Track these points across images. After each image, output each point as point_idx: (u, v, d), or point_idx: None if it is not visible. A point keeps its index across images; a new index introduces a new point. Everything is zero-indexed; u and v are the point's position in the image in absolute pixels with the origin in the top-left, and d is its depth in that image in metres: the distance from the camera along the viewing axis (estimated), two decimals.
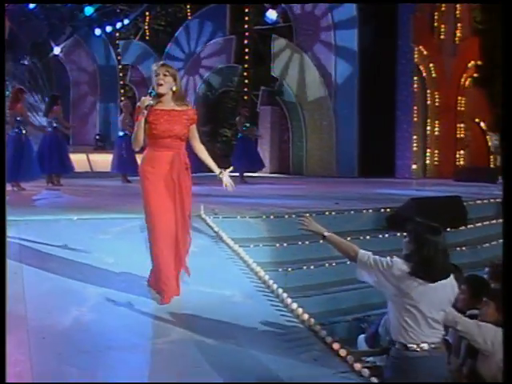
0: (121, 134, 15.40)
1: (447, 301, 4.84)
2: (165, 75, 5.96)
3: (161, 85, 5.96)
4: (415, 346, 4.71)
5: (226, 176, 6.19)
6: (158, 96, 6.00)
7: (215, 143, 21.31)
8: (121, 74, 24.34)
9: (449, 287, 4.84)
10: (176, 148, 6.02)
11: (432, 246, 4.70)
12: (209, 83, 22.30)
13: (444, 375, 4.88)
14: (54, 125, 14.04)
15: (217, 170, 6.22)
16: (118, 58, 24.22)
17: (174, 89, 6.03)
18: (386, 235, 9.57)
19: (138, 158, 16.54)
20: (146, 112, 5.93)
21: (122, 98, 23.39)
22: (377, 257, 4.86)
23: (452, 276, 4.89)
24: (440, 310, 4.78)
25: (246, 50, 21.82)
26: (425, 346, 4.71)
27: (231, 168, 6.41)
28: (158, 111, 5.98)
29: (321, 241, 5.22)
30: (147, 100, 5.94)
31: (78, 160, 17.86)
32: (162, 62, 6.24)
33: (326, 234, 5.11)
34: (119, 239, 7.80)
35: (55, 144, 13.97)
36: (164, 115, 5.97)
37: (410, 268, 4.70)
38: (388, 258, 4.82)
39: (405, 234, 5.02)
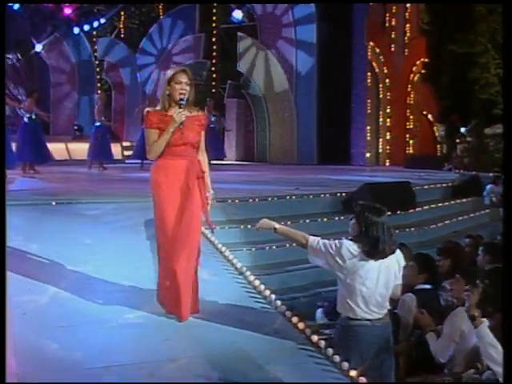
0: (97, 124, 15.23)
1: (393, 277, 4.79)
2: (187, 84, 5.17)
3: (183, 94, 5.15)
4: (360, 318, 4.70)
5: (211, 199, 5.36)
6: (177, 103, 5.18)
7: None
8: (97, 69, 24.14)
9: (394, 264, 4.80)
10: (189, 156, 5.20)
11: (377, 226, 4.65)
12: None
13: (387, 343, 4.85)
14: (29, 115, 13.63)
15: (209, 187, 5.37)
16: (95, 54, 24.04)
17: (191, 97, 5.27)
18: (342, 217, 9.55)
19: (113, 147, 16.47)
20: (181, 127, 5.10)
21: (99, 91, 23.25)
22: (326, 241, 4.82)
23: (397, 253, 4.85)
24: (386, 286, 4.74)
25: (214, 47, 21.82)
26: (369, 318, 4.69)
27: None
28: (166, 118, 5.14)
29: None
30: (182, 115, 5.10)
31: (58, 149, 17.67)
32: (182, 68, 5.28)
33: (276, 226, 5.06)
34: (96, 222, 7.71)
35: (32, 134, 13.58)
36: (170, 121, 5.14)
37: (357, 248, 4.66)
38: (336, 240, 4.77)
39: (351, 216, 4.97)
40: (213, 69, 21.70)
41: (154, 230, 5.29)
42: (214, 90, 21.66)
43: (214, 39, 21.81)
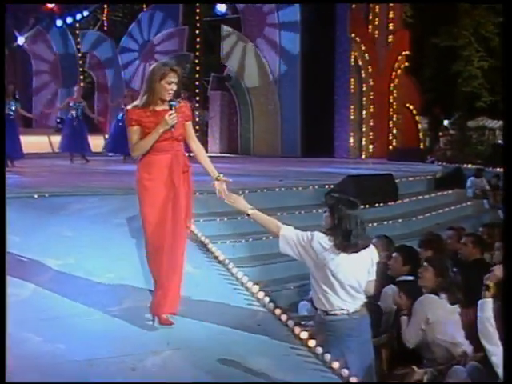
0: (69, 116, 15.12)
1: (365, 270, 4.71)
2: (175, 83, 5.01)
3: (171, 94, 5.00)
4: (334, 311, 4.64)
5: (221, 183, 5.14)
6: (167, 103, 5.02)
7: None
8: (80, 62, 24.01)
9: (367, 259, 4.72)
10: (174, 150, 5.05)
11: (350, 220, 4.58)
12: None
13: (365, 335, 4.80)
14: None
15: (215, 174, 5.20)
16: (78, 46, 23.90)
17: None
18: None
19: (97, 139, 16.29)
20: (173, 130, 4.97)
21: (82, 84, 23.13)
22: (298, 231, 4.76)
23: (371, 249, 4.80)
24: (359, 279, 4.66)
25: (198, 40, 21.67)
26: (344, 311, 4.64)
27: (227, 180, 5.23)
28: (148, 113, 5.02)
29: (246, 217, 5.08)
30: (174, 117, 4.94)
31: (41, 142, 17.58)
32: (174, 67, 5.04)
33: (249, 211, 4.94)
34: (77, 215, 7.66)
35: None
36: (158, 116, 4.98)
37: (329, 241, 4.60)
38: (308, 232, 4.71)
39: (324, 208, 4.89)
40: (196, 61, 21.59)
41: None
42: (197, 83, 21.58)
43: (197, 31, 21.68)
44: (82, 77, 24.27)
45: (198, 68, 21.60)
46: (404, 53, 20.34)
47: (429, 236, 7.62)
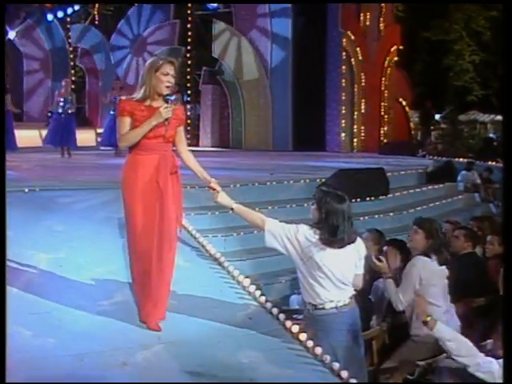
0: (59, 110, 15.06)
1: (352, 265, 4.68)
2: (173, 76, 4.79)
3: (169, 87, 4.79)
4: (323, 305, 4.62)
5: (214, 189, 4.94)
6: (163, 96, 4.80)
7: None
8: (71, 56, 23.93)
9: (353, 253, 4.68)
10: (162, 150, 4.80)
11: (338, 214, 4.54)
12: None
13: (354, 328, 4.77)
14: None
15: (207, 180, 4.99)
16: (69, 40, 23.81)
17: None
18: None
19: (87, 133, 16.22)
20: (166, 124, 4.75)
21: (73, 78, 23.06)
22: (284, 224, 4.72)
23: (358, 242, 4.75)
24: (345, 273, 4.63)
25: (189, 33, 21.65)
26: (332, 304, 4.61)
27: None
28: (142, 107, 4.79)
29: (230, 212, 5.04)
30: (169, 111, 4.73)
31: (31, 136, 17.50)
32: (170, 59, 4.86)
33: (233, 206, 4.90)
34: (68, 209, 7.63)
35: None
36: (151, 113, 4.75)
37: (314, 234, 4.56)
38: (294, 225, 4.67)
39: (312, 202, 4.83)
40: (188, 55, 21.56)
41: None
42: (188, 77, 21.55)
43: (188, 25, 21.65)
44: (73, 71, 24.19)
45: (189, 62, 21.58)
46: (395, 47, 20.41)
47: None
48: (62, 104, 14.80)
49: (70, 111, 14.89)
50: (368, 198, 10.03)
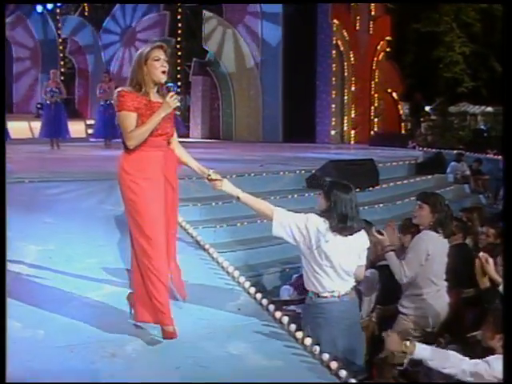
0: (48, 101, 15.01)
1: (356, 255, 4.77)
2: (165, 60, 4.51)
3: (165, 72, 4.51)
4: (326, 294, 4.68)
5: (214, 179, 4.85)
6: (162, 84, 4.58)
7: None
8: (61, 47, 23.82)
9: (360, 241, 4.78)
10: (165, 147, 4.59)
11: (346, 203, 4.64)
12: None
13: (354, 318, 4.87)
14: None
15: (205, 173, 4.86)
16: (58, 32, 23.71)
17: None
18: (306, 195, 9.59)
19: (77, 125, 16.14)
20: (177, 112, 4.54)
21: (63, 70, 22.98)
22: (292, 213, 4.78)
23: (363, 234, 4.84)
24: (350, 263, 4.72)
25: (179, 25, 21.60)
26: (334, 293, 4.68)
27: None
28: (144, 101, 4.49)
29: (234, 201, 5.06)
30: (175, 99, 4.49)
31: (21, 127, 17.45)
32: (159, 44, 4.59)
33: (240, 195, 4.89)
34: (58, 201, 7.62)
35: None
36: (155, 108, 4.47)
37: (324, 223, 4.63)
38: (302, 214, 4.74)
39: (319, 191, 4.92)
40: (178, 46, 21.51)
41: (129, 230, 4.63)
42: (179, 68, 21.50)
43: (178, 17, 21.61)
44: (62, 62, 24.08)
45: (179, 53, 21.52)
46: (385, 38, 20.37)
47: (408, 221, 7.63)
48: (50, 94, 14.75)
49: (58, 100, 14.84)
50: (358, 189, 10.04)
